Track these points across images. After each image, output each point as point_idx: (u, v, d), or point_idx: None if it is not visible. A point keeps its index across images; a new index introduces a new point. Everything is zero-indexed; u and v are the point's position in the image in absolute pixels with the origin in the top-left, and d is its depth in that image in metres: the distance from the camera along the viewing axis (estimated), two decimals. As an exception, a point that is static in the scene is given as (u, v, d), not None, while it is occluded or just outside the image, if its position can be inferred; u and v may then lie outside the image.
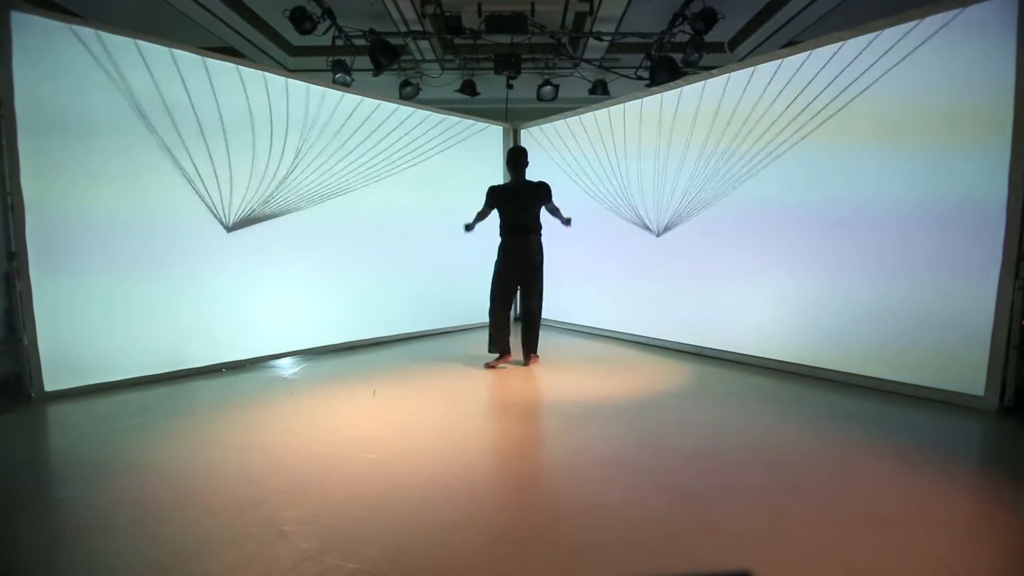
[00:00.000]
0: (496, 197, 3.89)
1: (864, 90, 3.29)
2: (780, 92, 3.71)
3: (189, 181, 3.72)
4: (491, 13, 5.45)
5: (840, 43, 3.38)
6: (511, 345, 3.97)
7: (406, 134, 5.02)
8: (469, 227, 3.89)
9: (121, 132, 3.41)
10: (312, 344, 4.46)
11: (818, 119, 3.53)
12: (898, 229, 3.19)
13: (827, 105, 3.47)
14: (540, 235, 3.89)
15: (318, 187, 4.43)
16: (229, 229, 3.91)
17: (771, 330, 3.87)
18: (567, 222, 3.86)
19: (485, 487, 2.10)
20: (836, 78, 3.41)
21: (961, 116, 2.92)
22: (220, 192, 3.87)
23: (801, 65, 3.59)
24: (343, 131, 4.56)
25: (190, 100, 3.69)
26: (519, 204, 3.84)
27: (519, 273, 3.85)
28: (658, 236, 4.67)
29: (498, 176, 5.90)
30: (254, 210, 4.06)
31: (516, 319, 4.91)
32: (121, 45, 3.39)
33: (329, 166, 4.49)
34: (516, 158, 3.90)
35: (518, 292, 3.99)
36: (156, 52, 3.53)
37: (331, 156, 4.49)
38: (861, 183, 3.34)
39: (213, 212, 3.84)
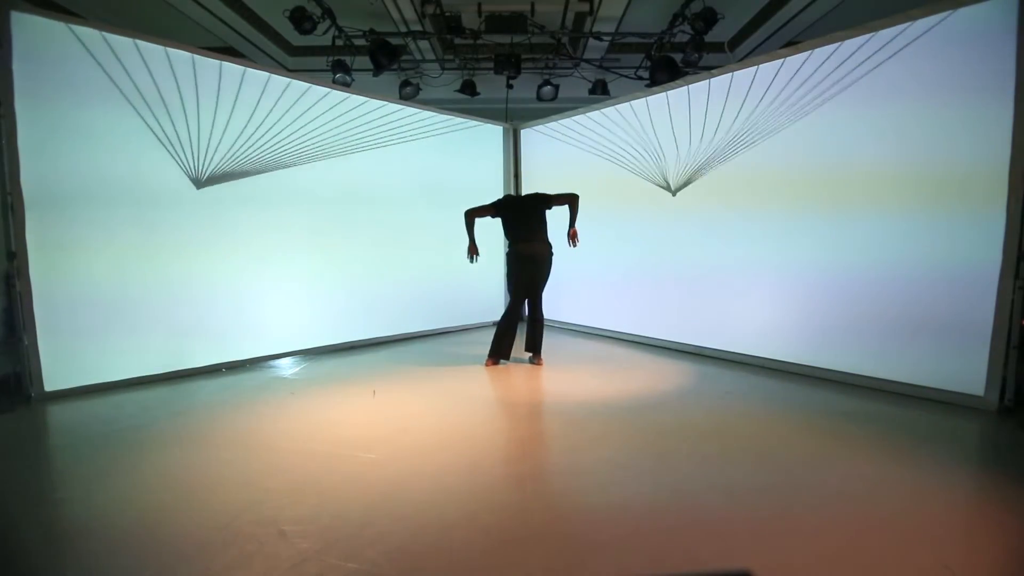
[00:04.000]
0: (503, 206, 3.98)
1: (864, 89, 3.29)
2: (779, 93, 3.72)
3: (191, 180, 3.72)
4: (491, 13, 5.45)
5: (839, 43, 3.38)
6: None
7: (406, 135, 5.01)
8: (472, 246, 3.95)
9: (121, 132, 3.41)
10: (312, 344, 4.46)
11: (818, 116, 3.53)
12: (898, 229, 3.19)
13: (827, 104, 3.47)
14: (548, 241, 3.96)
15: (317, 186, 4.44)
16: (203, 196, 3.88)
17: (771, 330, 3.87)
18: (572, 222, 3.93)
19: (485, 487, 2.10)
20: (833, 76, 3.41)
21: (961, 116, 2.92)
22: (220, 192, 3.88)
23: (803, 63, 3.59)
24: (343, 131, 4.56)
25: (184, 99, 3.70)
26: (526, 209, 3.96)
27: (533, 278, 3.91)
28: (657, 230, 4.68)
29: (498, 176, 5.92)
30: (251, 204, 4.06)
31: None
32: (121, 45, 3.39)
33: (329, 166, 4.49)
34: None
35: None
36: (156, 52, 3.53)
37: (331, 156, 4.49)
38: (861, 184, 3.34)
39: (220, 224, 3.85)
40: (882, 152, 3.24)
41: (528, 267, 3.89)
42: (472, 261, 3.97)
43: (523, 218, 3.93)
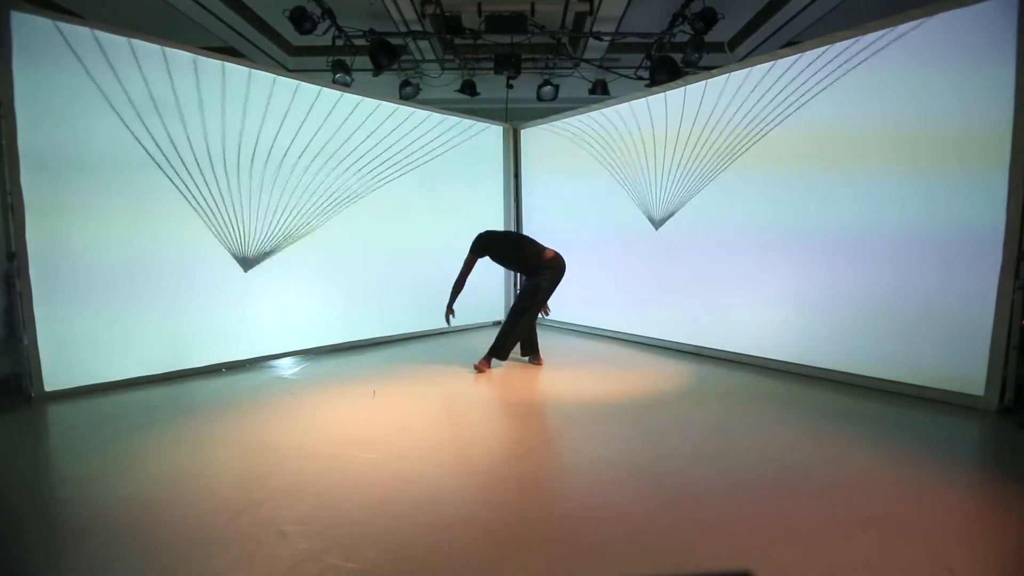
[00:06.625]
0: (486, 244, 3.92)
1: (863, 88, 3.29)
2: (779, 90, 3.72)
3: (192, 180, 3.72)
4: (491, 13, 5.45)
5: (840, 43, 3.38)
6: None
7: (406, 134, 5.01)
8: (451, 307, 3.90)
9: (120, 131, 3.41)
10: (312, 344, 4.46)
11: (816, 117, 3.53)
12: (898, 228, 3.19)
13: (825, 101, 3.47)
14: None
15: (318, 187, 4.44)
16: (245, 266, 3.99)
17: (771, 330, 3.87)
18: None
19: (486, 487, 2.10)
20: (834, 76, 3.41)
21: (961, 116, 2.92)
22: (217, 193, 3.88)
23: (795, 62, 3.59)
24: (343, 132, 4.55)
25: (183, 100, 3.69)
26: (515, 235, 4.11)
27: (555, 285, 3.93)
28: (656, 230, 4.68)
29: (498, 176, 5.92)
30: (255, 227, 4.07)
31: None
32: (120, 45, 3.39)
33: (330, 167, 4.48)
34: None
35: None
36: (155, 52, 3.52)
37: (331, 157, 4.49)
38: (861, 183, 3.34)
39: (218, 229, 3.85)
40: (882, 153, 3.24)
41: (560, 275, 3.89)
42: (448, 323, 3.91)
43: (523, 240, 4.04)
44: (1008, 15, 2.72)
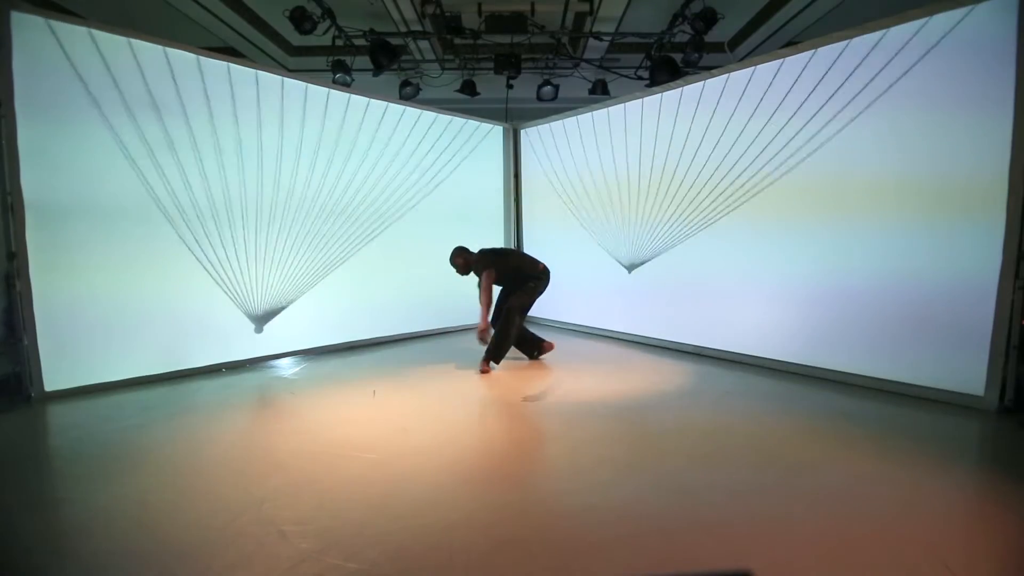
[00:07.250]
0: (494, 258, 4.02)
1: (863, 88, 3.29)
2: (781, 92, 3.71)
3: (193, 179, 3.72)
4: (491, 13, 5.45)
5: (839, 43, 3.38)
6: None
7: (406, 135, 5.01)
8: (484, 322, 3.86)
9: (119, 130, 3.41)
10: (312, 344, 4.46)
11: (816, 117, 3.52)
12: (898, 228, 3.19)
13: (825, 103, 3.47)
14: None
15: (315, 187, 4.43)
16: (258, 322, 4.05)
17: (771, 330, 3.87)
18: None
19: (485, 487, 2.10)
20: (835, 78, 3.41)
21: (961, 115, 2.92)
22: (218, 199, 3.88)
23: (804, 66, 3.59)
24: (342, 132, 4.55)
25: (181, 99, 3.69)
26: (519, 252, 4.25)
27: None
28: (652, 231, 4.68)
29: (498, 176, 5.92)
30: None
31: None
32: (120, 45, 3.39)
33: (329, 167, 4.48)
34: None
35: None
36: (154, 52, 3.52)
37: (331, 158, 4.49)
38: (861, 182, 3.34)
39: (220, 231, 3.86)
40: (882, 154, 3.24)
41: (548, 284, 4.07)
42: (483, 342, 3.85)
43: (521, 255, 4.22)
44: (1008, 15, 2.72)
